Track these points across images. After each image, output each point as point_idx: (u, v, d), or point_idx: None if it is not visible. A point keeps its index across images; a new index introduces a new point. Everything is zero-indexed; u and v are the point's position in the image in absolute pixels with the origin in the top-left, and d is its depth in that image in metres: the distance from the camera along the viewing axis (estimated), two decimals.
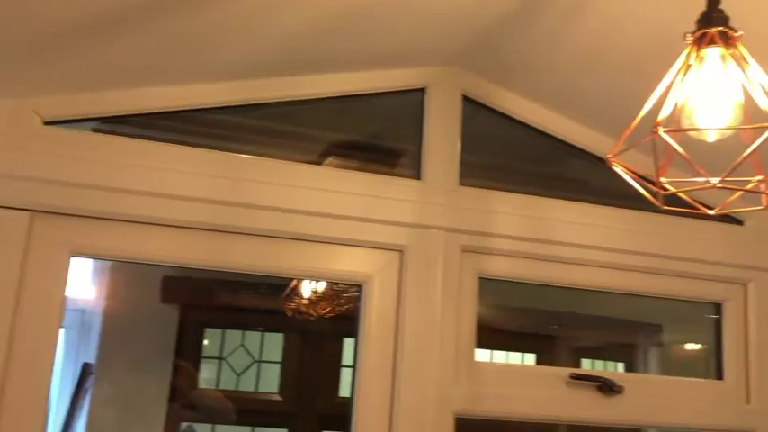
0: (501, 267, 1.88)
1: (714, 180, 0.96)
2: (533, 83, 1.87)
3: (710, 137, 1.02)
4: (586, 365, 3.29)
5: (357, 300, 1.81)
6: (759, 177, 1.05)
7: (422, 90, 1.90)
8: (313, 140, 1.95)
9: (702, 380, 2.04)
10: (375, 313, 1.77)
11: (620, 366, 3.51)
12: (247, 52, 1.64)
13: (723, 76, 1.01)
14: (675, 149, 0.97)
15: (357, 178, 1.80)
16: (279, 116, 1.89)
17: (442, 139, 1.88)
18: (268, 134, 1.92)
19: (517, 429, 2.65)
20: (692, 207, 1.14)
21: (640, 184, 1.07)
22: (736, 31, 1.03)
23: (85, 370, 2.64)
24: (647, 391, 1.94)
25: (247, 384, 2.84)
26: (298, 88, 1.83)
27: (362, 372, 1.74)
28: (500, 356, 3.10)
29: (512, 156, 2.07)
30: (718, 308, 2.06)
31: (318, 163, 1.87)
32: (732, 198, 1.08)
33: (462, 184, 1.87)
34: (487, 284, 2.07)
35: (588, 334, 3.32)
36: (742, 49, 1.02)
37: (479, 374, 1.81)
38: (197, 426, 2.74)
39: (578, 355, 3.34)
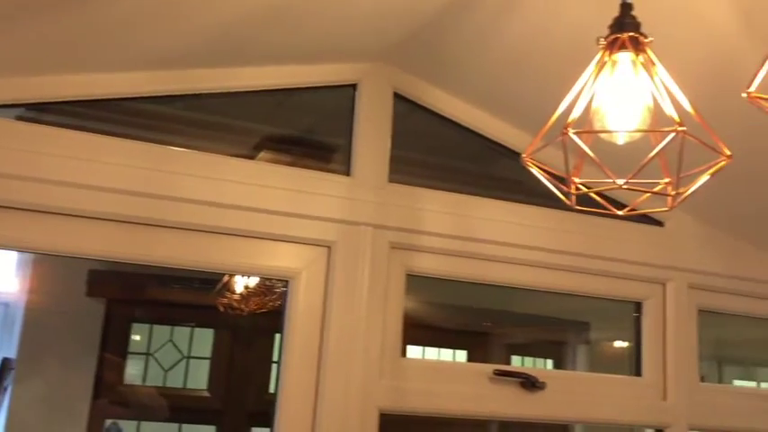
0: (429, 264, 1.89)
1: (620, 181, 0.99)
2: (464, 82, 1.89)
3: (619, 139, 1.05)
4: (516, 362, 3.36)
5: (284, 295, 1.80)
6: (666, 180, 1.08)
7: (353, 86, 1.90)
8: (244, 134, 1.93)
9: (622, 376, 2.10)
10: (301, 309, 1.76)
11: (549, 363, 3.59)
12: (177, 41, 1.61)
13: (633, 80, 1.04)
14: (587, 150, 1.00)
15: (286, 173, 1.79)
16: (209, 108, 1.86)
17: (372, 135, 1.88)
18: (198, 126, 1.89)
19: (441, 425, 2.68)
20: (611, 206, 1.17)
21: (556, 184, 1.10)
22: (646, 37, 1.06)
23: (5, 365, 2.55)
24: (568, 387, 1.98)
25: (175, 381, 2.79)
26: (229, 80, 1.80)
27: (287, 367, 1.73)
28: (432, 353, 3.13)
29: (442, 154, 2.09)
30: (638, 306, 2.12)
31: (249, 157, 1.85)
32: (641, 199, 1.11)
33: (392, 181, 1.88)
34: (420, 281, 2.09)
35: (519, 331, 3.38)
36: (651, 55, 1.05)
37: (405, 371, 1.83)
38: (122, 423, 2.69)
39: (509, 351, 3.40)
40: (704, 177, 1.03)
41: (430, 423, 1.97)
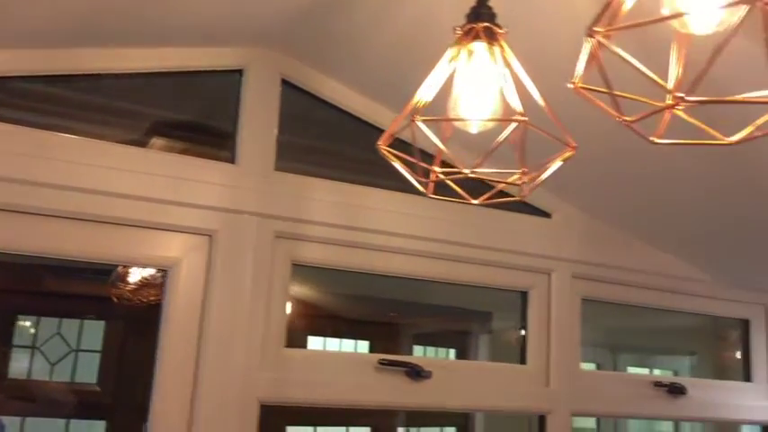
0: (315, 254, 1.88)
1: (466, 170, 1.00)
2: (351, 68, 1.87)
3: (472, 128, 1.06)
4: (419, 352, 3.39)
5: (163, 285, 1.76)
6: (522, 170, 1.09)
7: (240, 71, 1.86)
8: (128, 118, 1.86)
9: (506, 364, 2.14)
10: (181, 299, 1.72)
11: (452, 353, 3.64)
12: (50, 18, 1.53)
13: (487, 70, 1.05)
14: (434, 138, 1.00)
15: (167, 160, 1.74)
16: (90, 90, 1.79)
17: (258, 123, 1.85)
18: (80, 109, 1.81)
19: (326, 415, 2.68)
20: (500, 197, 1.16)
21: (411, 172, 1.09)
22: (501, 28, 1.07)
23: None
24: (454, 376, 2.01)
25: (63, 374, 2.68)
26: (109, 61, 1.74)
27: (164, 358, 1.69)
28: (333, 344, 3.13)
29: (330, 142, 2.07)
30: (524, 296, 2.17)
31: (131, 142, 1.79)
32: (497, 188, 1.12)
33: (278, 169, 1.85)
34: (321, 272, 2.08)
35: (423, 321, 3.41)
36: (505, 46, 1.06)
37: (288, 361, 1.81)
38: (5, 419, 2.56)
39: (413, 342, 3.43)
40: (554, 166, 1.05)
41: (314, 413, 1.96)
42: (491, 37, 1.05)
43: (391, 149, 1.08)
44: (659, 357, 3.81)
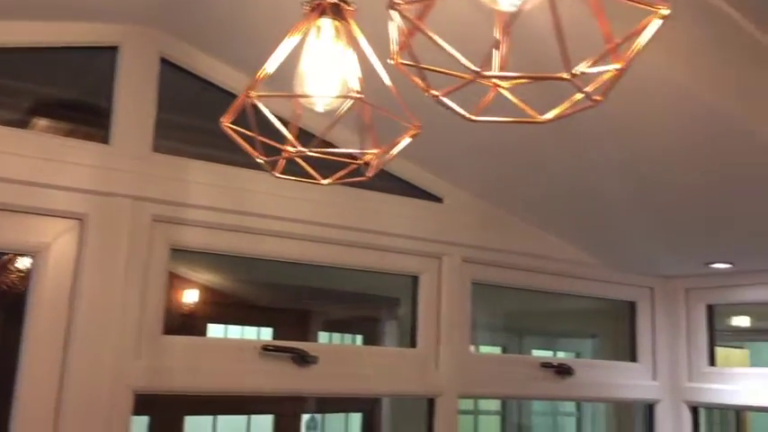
0: (196, 238, 1.83)
1: (291, 149, 0.98)
2: (231, 47, 1.82)
3: (317, 106, 1.04)
4: (324, 339, 3.37)
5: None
6: (374, 150, 1.08)
7: (115, 48, 1.79)
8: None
9: (396, 348, 2.15)
10: (49, 285, 1.64)
11: (359, 339, 3.64)
12: None
13: (332, 48, 1.03)
14: (269, 115, 0.97)
15: (35, 140, 1.66)
16: None
17: (135, 102, 1.78)
18: None
19: (227, 404, 2.64)
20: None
21: (250, 150, 1.06)
22: (349, 5, 1.05)
23: None
24: (342, 360, 1.99)
25: None
26: None
27: (29, 347, 1.61)
28: (235, 332, 3.08)
29: (214, 123, 2.01)
30: (415, 280, 2.17)
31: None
32: (347, 170, 1.10)
33: (157, 150, 1.79)
34: (221, 258, 2.03)
35: (330, 308, 3.40)
36: (353, 24, 1.04)
37: (166, 349, 1.75)
38: None
39: (320, 329, 3.41)
40: (400, 145, 1.03)
41: (194, 401, 1.92)
42: (337, 13, 1.03)
43: (236, 127, 1.04)
44: (563, 340, 3.91)
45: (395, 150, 1.04)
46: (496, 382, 2.23)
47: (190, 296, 2.75)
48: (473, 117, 0.78)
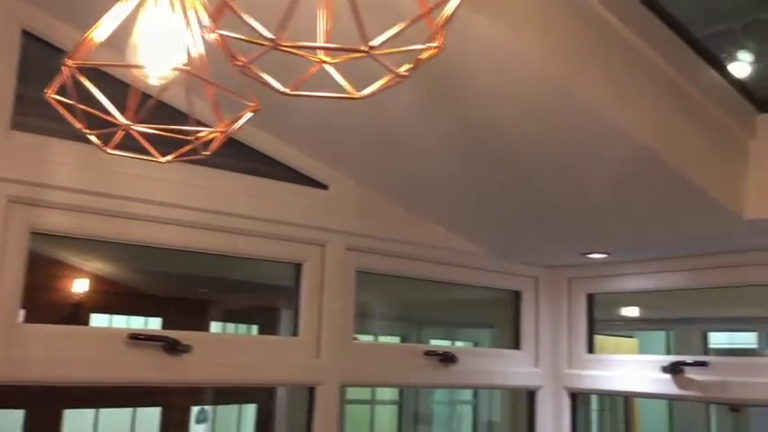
0: (58, 222, 1.74)
1: (125, 120, 0.93)
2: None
3: (151, 79, 0.99)
4: (217, 328, 3.30)
5: None
6: (209, 129, 1.03)
7: None
8: None
9: (276, 337, 2.11)
10: None
11: (255, 329, 3.58)
12: None
13: (172, 18, 0.98)
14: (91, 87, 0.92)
15: None
16: None
17: None
18: None
19: (110, 396, 2.54)
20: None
21: (82, 127, 1.00)
22: None
23: None
24: (218, 349, 1.94)
25: None
26: None
27: None
28: (120, 322, 2.96)
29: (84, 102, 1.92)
30: (298, 268, 2.13)
31: None
32: (187, 147, 1.05)
33: (16, 128, 1.69)
34: (105, 246, 1.93)
35: (225, 298, 3.32)
36: None
37: (25, 339, 1.66)
38: None
39: (213, 318, 3.33)
40: (240, 122, 1.00)
41: (51, 393, 1.83)
42: None
43: (64, 99, 0.98)
44: (462, 330, 3.96)
45: (235, 127, 1.00)
46: (380, 370, 2.23)
47: (71, 284, 2.62)
48: (288, 91, 0.76)
